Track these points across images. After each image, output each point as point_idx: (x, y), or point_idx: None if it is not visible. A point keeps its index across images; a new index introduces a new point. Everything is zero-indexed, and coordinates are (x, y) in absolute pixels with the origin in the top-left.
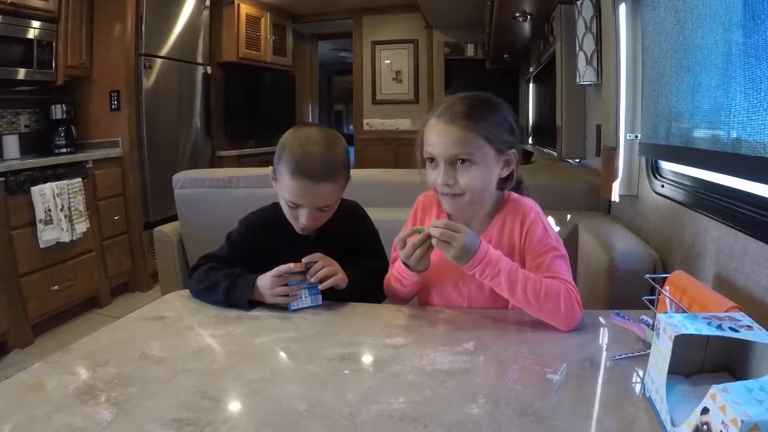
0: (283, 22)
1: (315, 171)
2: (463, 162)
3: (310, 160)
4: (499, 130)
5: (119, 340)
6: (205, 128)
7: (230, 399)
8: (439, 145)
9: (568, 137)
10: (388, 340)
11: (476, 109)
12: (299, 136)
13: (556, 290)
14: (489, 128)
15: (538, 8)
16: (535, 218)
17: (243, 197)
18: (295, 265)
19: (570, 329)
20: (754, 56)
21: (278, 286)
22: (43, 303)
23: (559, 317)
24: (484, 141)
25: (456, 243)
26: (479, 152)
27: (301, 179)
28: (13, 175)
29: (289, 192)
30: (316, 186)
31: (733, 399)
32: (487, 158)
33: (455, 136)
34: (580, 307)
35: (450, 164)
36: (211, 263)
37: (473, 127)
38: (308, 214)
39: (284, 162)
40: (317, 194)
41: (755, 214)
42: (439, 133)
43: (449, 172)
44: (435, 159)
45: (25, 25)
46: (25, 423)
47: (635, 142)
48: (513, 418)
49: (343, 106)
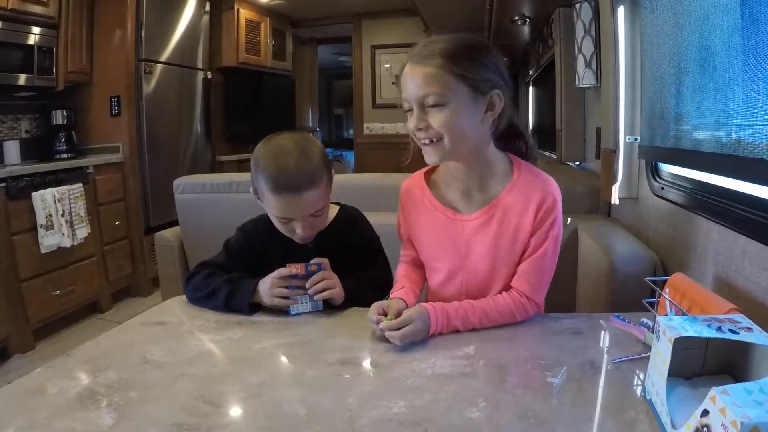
0: (283, 27)
1: (294, 182)
2: (435, 104)
3: (287, 172)
4: (478, 68)
5: (120, 345)
6: (206, 133)
7: (231, 403)
8: (410, 88)
9: (567, 140)
10: (387, 344)
11: (454, 47)
12: (270, 151)
13: (507, 309)
14: (465, 66)
15: (537, 11)
16: (553, 203)
17: (243, 202)
18: (294, 266)
19: None
20: (752, 57)
21: (278, 287)
22: (44, 308)
23: (514, 321)
24: (458, 80)
25: (419, 334)
26: (451, 92)
27: (282, 194)
28: (14, 180)
29: (276, 208)
30: (300, 196)
31: (732, 401)
32: (462, 98)
33: (424, 75)
34: (539, 306)
35: (420, 107)
36: (208, 270)
37: (444, 64)
38: (302, 225)
39: (262, 181)
40: (303, 204)
41: (755, 216)
42: (410, 74)
43: (420, 116)
44: (409, 105)
45: (25, 31)
46: (27, 428)
47: (635, 144)
48: (513, 421)
49: (343, 110)
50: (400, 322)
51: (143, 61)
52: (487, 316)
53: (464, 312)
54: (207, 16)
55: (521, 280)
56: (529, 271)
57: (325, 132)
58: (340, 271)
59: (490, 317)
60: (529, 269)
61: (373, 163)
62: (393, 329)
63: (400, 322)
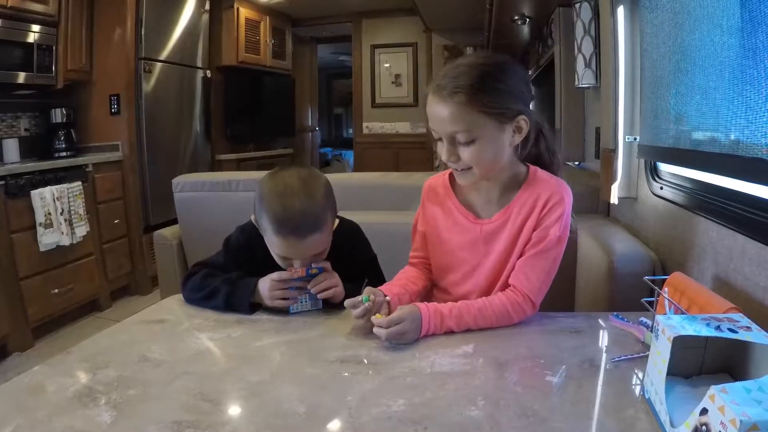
0: (283, 26)
1: (299, 227)
2: (464, 141)
3: (292, 217)
4: (502, 99)
5: (119, 343)
6: (205, 132)
7: (230, 401)
8: (436, 122)
9: (567, 140)
10: (387, 343)
11: (471, 80)
12: (276, 188)
13: (503, 310)
14: (489, 101)
15: (537, 11)
16: (559, 201)
17: (243, 201)
18: (296, 270)
19: None
20: (752, 58)
21: (278, 290)
22: (43, 306)
23: (511, 323)
24: (483, 116)
25: (407, 335)
26: (479, 129)
27: (286, 237)
28: (13, 178)
29: (277, 248)
30: (303, 240)
31: (731, 399)
32: (490, 131)
33: (450, 114)
34: (534, 306)
35: (450, 141)
36: (206, 270)
37: (469, 101)
38: (302, 264)
39: (265, 219)
40: (306, 247)
41: (754, 216)
42: (435, 110)
43: (451, 149)
44: (437, 134)
45: (25, 29)
46: (26, 426)
47: (634, 144)
48: (513, 419)
49: (343, 109)
50: (389, 321)
51: (143, 60)
52: (482, 316)
53: (458, 312)
54: (207, 15)
55: (518, 275)
56: (527, 267)
57: (325, 131)
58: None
59: (486, 317)
60: (527, 264)
61: (373, 163)
62: (382, 326)
63: (389, 321)
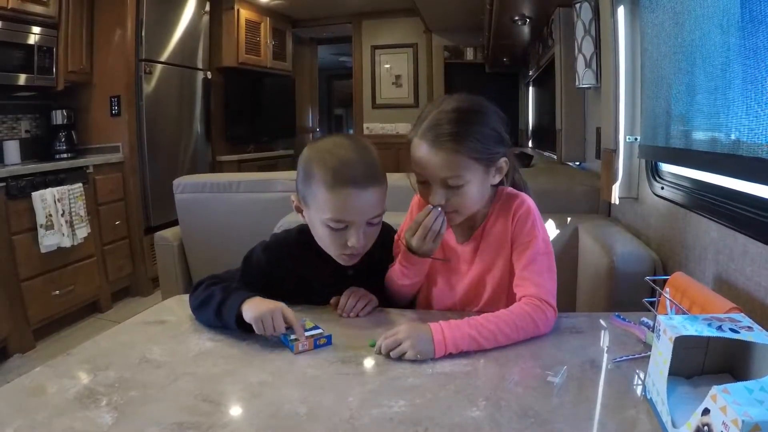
0: (283, 27)
1: (358, 175)
2: (455, 186)
3: (350, 165)
4: (487, 143)
5: (120, 344)
6: (206, 133)
7: (231, 403)
8: (428, 168)
9: (567, 140)
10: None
11: (461, 126)
12: (324, 146)
13: (524, 315)
14: (476, 147)
15: (537, 11)
16: (526, 210)
17: (243, 202)
18: (304, 339)
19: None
20: (752, 58)
21: (278, 322)
22: (44, 308)
23: (539, 332)
24: (473, 161)
25: (408, 346)
26: (468, 173)
27: (344, 188)
28: (14, 180)
29: (333, 209)
30: (363, 192)
31: (733, 399)
32: (478, 175)
33: (442, 161)
34: (553, 308)
35: (442, 186)
36: (214, 280)
37: (460, 149)
38: (358, 232)
39: (318, 179)
40: (366, 202)
41: (755, 216)
42: (426, 156)
43: (440, 193)
44: (423, 177)
45: (25, 31)
46: (26, 427)
47: (635, 144)
48: (513, 420)
49: (344, 110)
50: (384, 336)
51: (143, 61)
52: (506, 324)
53: (475, 321)
54: (207, 16)
55: (525, 284)
56: (527, 276)
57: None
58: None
59: (510, 324)
60: (526, 273)
61: None
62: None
63: (384, 336)
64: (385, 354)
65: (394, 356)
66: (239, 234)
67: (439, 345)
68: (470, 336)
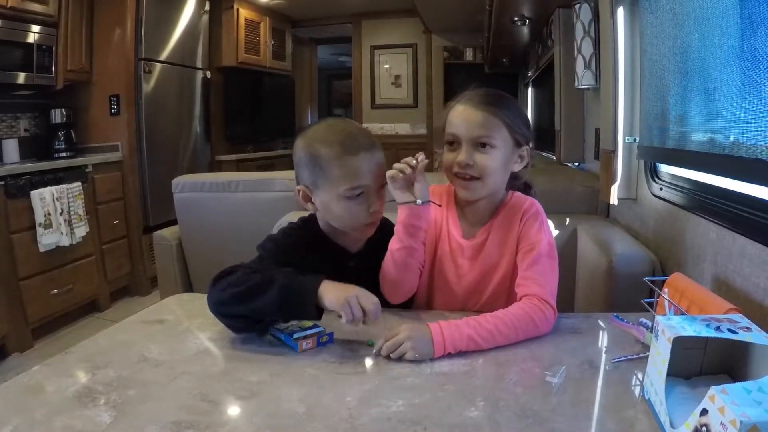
0: (283, 27)
1: (364, 142)
2: (485, 145)
3: (352, 135)
4: (518, 121)
5: (119, 343)
6: (205, 133)
7: (229, 402)
8: (463, 126)
9: (566, 141)
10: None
11: (501, 99)
12: (319, 129)
13: (523, 316)
14: (510, 116)
15: (537, 12)
16: (535, 212)
17: (242, 201)
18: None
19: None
20: (751, 59)
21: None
22: (42, 307)
23: (539, 332)
24: (506, 127)
25: (409, 347)
26: (500, 137)
27: (356, 155)
28: (12, 179)
29: (349, 177)
30: (373, 155)
31: (732, 400)
32: (507, 145)
33: (480, 119)
34: (553, 308)
35: (472, 145)
36: (247, 269)
37: (497, 112)
38: (376, 196)
39: (326, 155)
40: (377, 165)
41: (754, 217)
42: (464, 115)
43: (470, 152)
44: (456, 141)
45: (25, 30)
46: (25, 426)
47: (634, 145)
48: (512, 420)
49: (343, 110)
50: (385, 337)
51: (143, 61)
52: (504, 324)
53: (474, 321)
54: (207, 16)
55: (527, 285)
56: (530, 275)
57: None
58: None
59: (507, 323)
60: (531, 273)
61: None
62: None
63: (385, 337)
64: (386, 356)
65: (395, 357)
66: (238, 233)
67: (438, 345)
68: (469, 336)
